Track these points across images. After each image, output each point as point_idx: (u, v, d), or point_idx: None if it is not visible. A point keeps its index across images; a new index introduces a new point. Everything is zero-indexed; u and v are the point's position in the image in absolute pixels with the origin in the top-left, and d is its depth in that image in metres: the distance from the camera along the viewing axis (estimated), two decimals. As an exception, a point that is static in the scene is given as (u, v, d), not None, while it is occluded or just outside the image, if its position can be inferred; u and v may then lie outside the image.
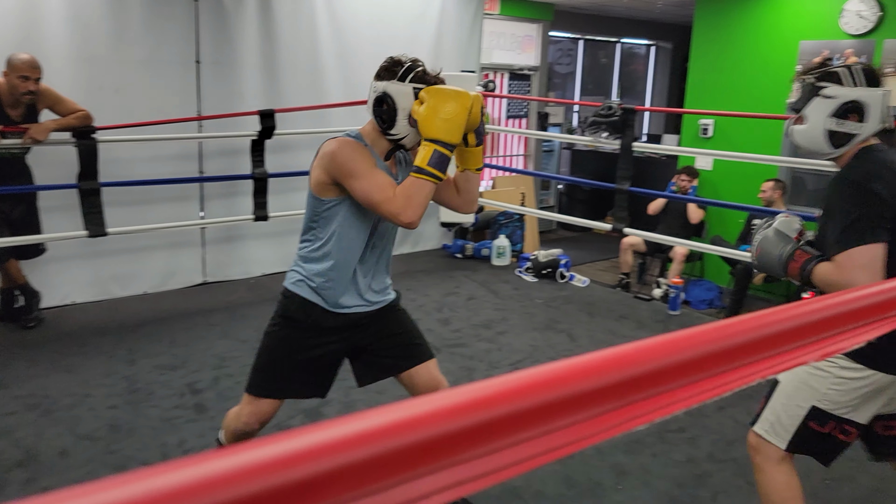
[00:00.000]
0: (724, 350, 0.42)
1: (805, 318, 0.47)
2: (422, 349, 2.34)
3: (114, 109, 4.30)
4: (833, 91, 1.88)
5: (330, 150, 2.06)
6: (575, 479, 2.70)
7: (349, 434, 0.36)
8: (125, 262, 4.63)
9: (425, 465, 0.36)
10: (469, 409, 0.37)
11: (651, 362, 0.38)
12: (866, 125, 1.88)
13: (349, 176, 2.03)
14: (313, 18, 5.15)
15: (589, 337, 4.23)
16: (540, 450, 0.39)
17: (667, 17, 9.30)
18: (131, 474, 0.35)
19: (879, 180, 1.83)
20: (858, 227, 1.77)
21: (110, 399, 3.22)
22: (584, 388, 0.39)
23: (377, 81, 2.10)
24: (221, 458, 0.35)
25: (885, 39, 5.48)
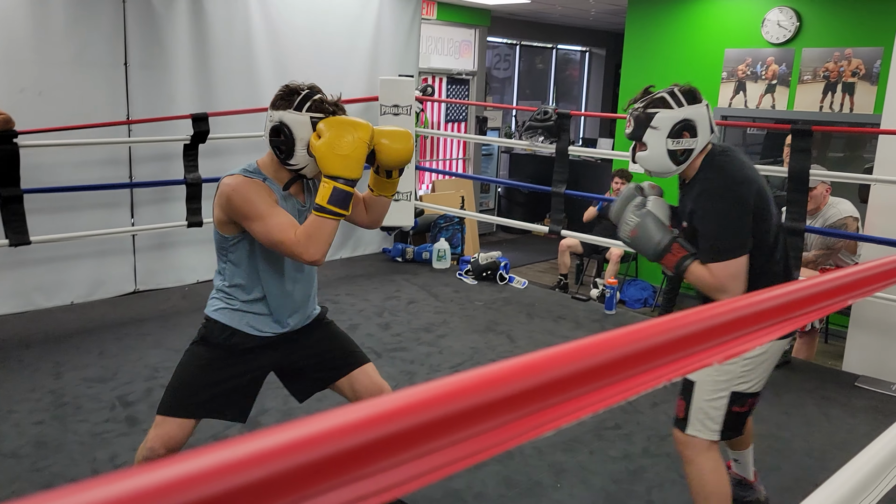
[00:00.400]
0: (635, 353, 0.44)
1: (711, 321, 0.50)
2: (357, 356, 2.33)
3: (37, 113, 4.14)
4: (663, 117, 2.07)
5: (225, 191, 1.99)
6: (515, 479, 2.74)
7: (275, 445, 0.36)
8: (50, 271, 4.46)
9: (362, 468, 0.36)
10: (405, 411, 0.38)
11: (563, 367, 0.40)
12: (699, 138, 2.08)
13: (246, 218, 1.98)
14: (248, 21, 5.07)
15: (528, 338, 4.29)
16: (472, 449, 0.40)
17: (600, 24, 9.52)
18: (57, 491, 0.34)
19: (743, 183, 2.03)
20: (729, 242, 1.98)
21: (35, 414, 3.09)
22: (502, 393, 0.41)
23: (273, 111, 2.03)
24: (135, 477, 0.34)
25: (804, 48, 5.74)
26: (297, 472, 0.34)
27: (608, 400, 0.44)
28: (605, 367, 0.42)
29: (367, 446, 0.36)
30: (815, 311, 0.61)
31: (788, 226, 3.85)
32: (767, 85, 5.95)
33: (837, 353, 4.94)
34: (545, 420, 0.40)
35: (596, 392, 0.42)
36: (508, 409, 0.39)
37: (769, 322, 0.55)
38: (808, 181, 3.77)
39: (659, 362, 0.45)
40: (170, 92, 4.75)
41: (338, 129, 1.94)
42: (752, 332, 0.54)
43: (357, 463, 0.35)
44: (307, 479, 0.34)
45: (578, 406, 0.41)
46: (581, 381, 0.41)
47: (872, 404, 3.57)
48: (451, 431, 0.38)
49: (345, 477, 0.35)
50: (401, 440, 0.37)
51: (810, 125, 3.77)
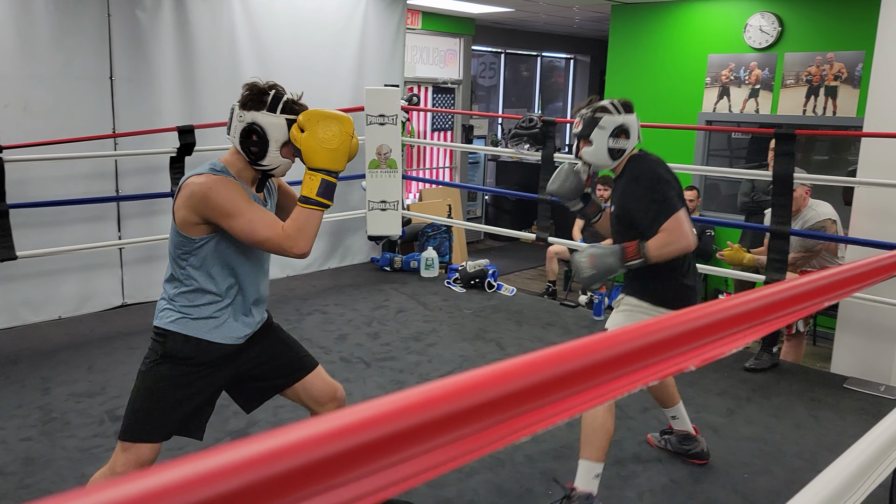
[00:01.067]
0: (610, 359, 0.44)
1: (686, 326, 0.51)
2: (307, 359, 2.29)
3: (22, 127, 4.12)
4: (608, 119, 2.52)
5: (200, 190, 1.94)
6: (506, 486, 2.74)
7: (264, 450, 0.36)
8: (37, 285, 4.43)
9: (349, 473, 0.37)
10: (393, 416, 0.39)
11: (538, 374, 0.41)
12: (631, 141, 2.55)
13: (226, 216, 1.94)
14: (233, 34, 5.07)
15: (518, 345, 4.30)
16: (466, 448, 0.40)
17: (584, 31, 9.59)
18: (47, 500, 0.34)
19: (663, 170, 2.51)
20: (669, 202, 2.39)
21: (23, 431, 3.07)
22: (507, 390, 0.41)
23: (244, 111, 2.02)
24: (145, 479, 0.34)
25: (786, 53, 5.81)
26: (282, 477, 0.34)
27: (589, 403, 0.44)
28: (586, 371, 0.43)
29: (355, 450, 0.36)
30: (793, 312, 0.62)
31: (773, 229, 3.88)
32: (751, 89, 6.01)
33: (825, 355, 4.97)
34: (530, 422, 0.41)
35: (577, 395, 0.43)
36: (494, 411, 0.40)
37: (746, 325, 0.56)
38: (792, 184, 3.81)
39: (637, 366, 0.46)
40: (155, 105, 4.74)
41: (325, 123, 1.95)
42: (729, 335, 0.54)
43: (344, 467, 0.36)
44: (294, 484, 0.35)
45: (560, 409, 0.42)
46: (562, 385, 0.42)
47: (861, 406, 3.60)
48: (438, 433, 0.39)
49: (333, 480, 0.35)
50: (388, 442, 0.37)
51: (794, 129, 3.81)
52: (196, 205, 1.95)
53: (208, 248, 2.03)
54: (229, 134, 2.07)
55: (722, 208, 6.52)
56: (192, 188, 1.96)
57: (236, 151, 2.06)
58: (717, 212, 6.48)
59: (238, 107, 2.04)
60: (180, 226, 2.01)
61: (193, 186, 1.96)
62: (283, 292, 5.19)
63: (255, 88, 2.05)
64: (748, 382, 3.83)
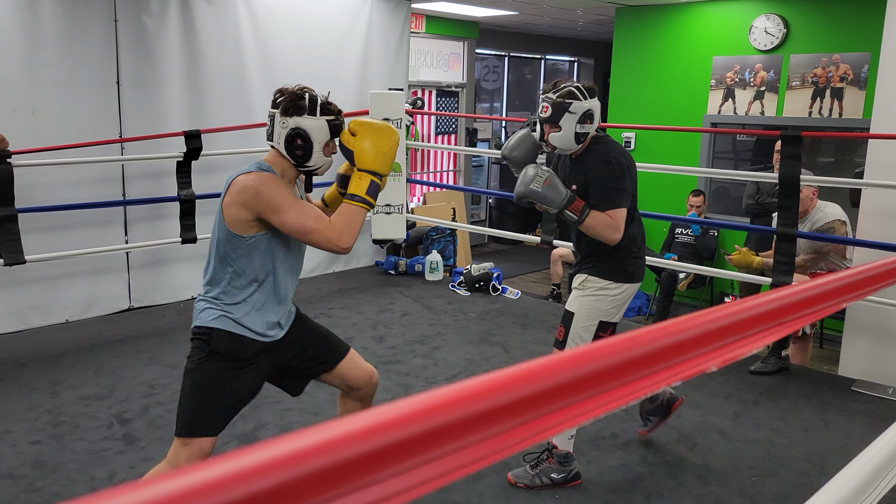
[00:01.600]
0: (632, 360, 0.45)
1: (707, 327, 0.51)
2: (339, 345, 2.40)
3: (30, 133, 4.14)
4: (577, 105, 2.57)
5: (252, 186, 2.04)
6: (513, 491, 2.74)
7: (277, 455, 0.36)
8: (45, 289, 4.44)
9: (365, 478, 0.37)
10: (404, 421, 0.39)
11: (562, 375, 0.41)
12: (594, 125, 2.62)
13: (277, 211, 2.04)
14: (238, 38, 5.09)
15: (523, 348, 4.30)
16: (477, 455, 0.41)
17: (588, 34, 9.59)
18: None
19: (626, 159, 2.65)
20: (620, 195, 2.58)
21: (32, 434, 3.08)
22: (498, 402, 0.42)
23: (286, 117, 2.12)
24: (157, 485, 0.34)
25: (792, 54, 5.80)
26: (319, 474, 0.35)
27: (614, 403, 0.45)
28: (610, 372, 0.43)
29: (373, 454, 0.37)
30: (811, 314, 0.62)
31: (780, 231, 3.87)
32: (756, 91, 6.01)
33: (833, 357, 4.96)
34: (555, 422, 0.41)
35: (596, 398, 0.43)
36: (521, 411, 0.40)
37: (768, 325, 0.57)
38: (798, 186, 3.80)
39: (660, 366, 0.47)
40: (162, 110, 4.77)
41: (378, 132, 2.13)
42: (751, 336, 0.55)
43: (363, 471, 0.36)
44: (331, 481, 0.35)
45: (584, 409, 0.42)
46: (581, 387, 0.42)
47: (870, 408, 3.59)
48: (470, 432, 0.39)
49: (368, 478, 0.36)
50: (422, 440, 0.38)
51: (800, 130, 3.80)
52: (248, 200, 2.05)
53: (255, 246, 2.11)
54: (271, 140, 2.17)
55: (728, 210, 6.51)
56: (244, 184, 2.06)
57: (278, 154, 2.16)
58: (723, 214, 6.48)
59: (279, 113, 2.14)
60: (231, 225, 2.09)
61: (245, 182, 2.06)
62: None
63: (292, 94, 2.15)
64: (755, 385, 3.83)
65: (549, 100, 2.61)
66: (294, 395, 2.40)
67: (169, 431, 3.09)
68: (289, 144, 2.12)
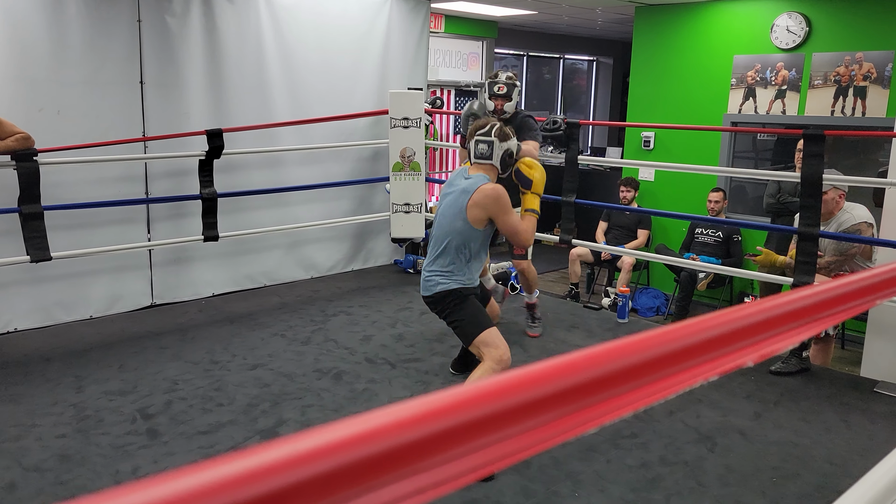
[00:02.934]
0: (669, 353, 0.45)
1: (743, 321, 0.52)
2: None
3: (56, 132, 4.20)
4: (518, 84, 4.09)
5: (497, 194, 3.04)
6: (532, 488, 2.74)
7: (310, 448, 0.37)
8: (70, 286, 4.51)
9: (386, 475, 0.38)
10: (426, 419, 0.40)
11: (600, 368, 0.42)
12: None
13: (504, 213, 3.05)
14: (259, 38, 5.13)
15: (541, 347, 4.30)
16: (496, 455, 0.41)
17: (607, 33, 9.56)
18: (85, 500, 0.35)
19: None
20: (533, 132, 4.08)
21: (58, 428, 3.13)
22: (538, 394, 0.42)
23: (502, 142, 3.16)
24: (182, 479, 0.35)
25: (814, 53, 5.75)
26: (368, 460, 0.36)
27: (651, 397, 0.45)
28: (647, 365, 0.44)
29: (423, 441, 0.38)
30: (844, 311, 0.63)
31: (801, 231, 3.84)
32: (777, 90, 5.96)
33: (855, 359, 4.92)
34: (594, 415, 0.42)
35: (634, 391, 0.44)
36: (552, 406, 0.41)
37: (802, 321, 0.57)
38: (821, 186, 3.77)
39: (698, 360, 0.47)
40: (184, 109, 4.82)
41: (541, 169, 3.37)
42: (786, 331, 0.55)
43: (427, 451, 0.37)
44: (381, 468, 0.36)
45: (623, 403, 0.43)
46: (620, 381, 0.43)
47: (893, 410, 3.55)
48: (514, 422, 0.40)
49: (417, 464, 0.37)
50: (468, 428, 0.38)
51: (822, 129, 3.77)
52: (490, 204, 3.03)
53: (479, 237, 3.09)
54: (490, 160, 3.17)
55: (748, 210, 6.46)
56: (492, 193, 3.05)
57: (490, 169, 3.18)
58: (743, 214, 6.43)
59: (497, 139, 3.15)
60: (473, 222, 3.05)
61: (493, 191, 3.05)
62: (308, 293, 5.24)
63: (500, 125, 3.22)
64: (776, 386, 3.80)
65: (505, 82, 4.01)
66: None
67: (191, 427, 3.14)
68: (506, 162, 3.19)
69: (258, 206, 5.23)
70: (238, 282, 5.30)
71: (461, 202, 3.05)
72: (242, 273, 5.32)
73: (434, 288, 3.13)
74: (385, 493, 0.38)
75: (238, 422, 3.23)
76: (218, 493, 0.35)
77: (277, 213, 5.30)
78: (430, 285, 3.15)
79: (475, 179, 3.08)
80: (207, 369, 3.82)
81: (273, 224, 5.23)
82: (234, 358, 3.98)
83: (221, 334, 4.33)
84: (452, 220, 3.07)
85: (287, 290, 5.35)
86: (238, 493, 0.35)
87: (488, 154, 3.13)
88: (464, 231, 3.05)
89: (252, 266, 5.36)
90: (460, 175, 3.24)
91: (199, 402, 3.40)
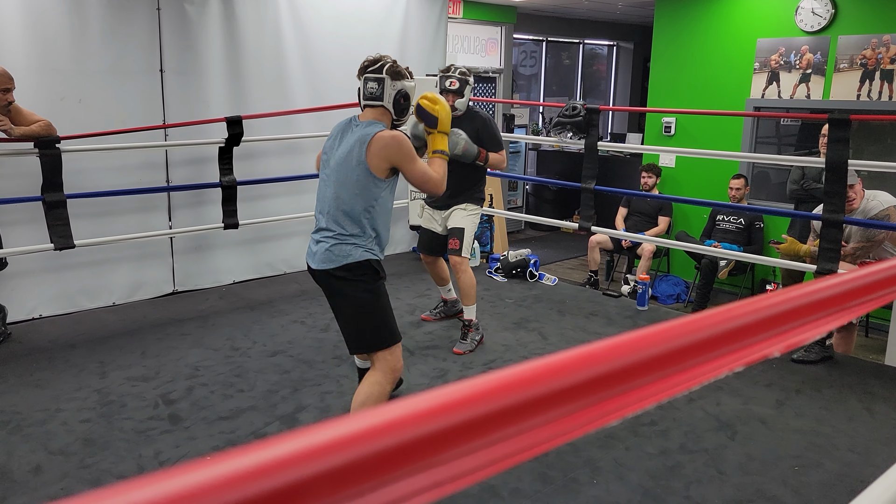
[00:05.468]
0: (695, 343, 0.45)
1: (770, 311, 0.51)
2: None
3: (77, 120, 4.24)
4: (470, 81, 3.99)
5: (397, 140, 2.57)
6: (551, 475, 2.74)
7: (330, 439, 0.37)
8: (92, 273, 4.57)
9: (405, 467, 0.37)
10: (446, 409, 0.39)
11: (623, 358, 0.41)
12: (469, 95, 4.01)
13: (410, 160, 2.60)
14: (278, 25, 5.13)
15: (560, 335, 4.29)
16: (518, 447, 0.41)
17: (627, 18, 9.44)
18: (110, 488, 0.35)
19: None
20: (500, 140, 4.05)
21: (82, 413, 3.18)
22: (559, 385, 0.42)
23: (394, 81, 2.65)
24: (203, 469, 0.35)
25: (840, 35, 5.64)
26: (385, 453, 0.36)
27: (675, 388, 0.45)
28: (671, 355, 0.43)
29: (443, 432, 0.37)
30: (874, 299, 0.61)
31: (826, 218, 3.78)
32: (802, 74, 5.86)
33: (879, 347, 4.85)
34: (618, 406, 0.41)
35: (658, 381, 0.43)
36: (583, 394, 0.40)
37: (829, 310, 0.56)
38: (846, 172, 3.71)
39: (722, 351, 0.46)
40: (204, 97, 4.84)
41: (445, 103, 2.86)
42: (813, 321, 0.54)
43: (434, 449, 0.37)
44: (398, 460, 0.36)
45: (646, 394, 0.43)
46: (644, 371, 0.42)
47: (916, 398, 3.50)
48: (534, 413, 0.39)
49: (435, 457, 0.37)
50: (487, 421, 0.38)
51: (848, 114, 3.70)
52: (390, 152, 2.57)
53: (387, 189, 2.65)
54: (382, 100, 2.66)
55: (771, 197, 6.38)
56: (388, 139, 2.57)
57: (382, 114, 2.68)
58: (765, 200, 6.35)
59: (390, 78, 2.65)
60: (376, 171, 2.58)
61: (388, 138, 2.57)
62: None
63: (393, 62, 2.70)
64: (797, 374, 3.76)
65: (457, 77, 3.90)
66: None
67: (212, 412, 3.18)
68: (398, 104, 2.66)
69: (277, 193, 5.25)
70: (258, 269, 5.34)
71: (359, 155, 2.57)
72: (262, 260, 5.35)
73: (337, 259, 2.61)
74: (403, 485, 0.38)
75: (258, 407, 3.26)
76: (235, 486, 0.35)
77: (296, 201, 5.32)
78: (330, 256, 2.63)
79: (369, 128, 2.59)
80: (228, 356, 3.85)
81: (292, 212, 5.24)
82: (254, 344, 4.01)
83: (242, 321, 4.37)
84: (349, 174, 2.58)
85: (306, 277, 5.36)
86: (256, 486, 0.35)
87: (378, 94, 2.63)
88: (366, 187, 2.58)
89: (272, 253, 5.39)
90: (349, 124, 2.73)
91: (219, 388, 3.44)
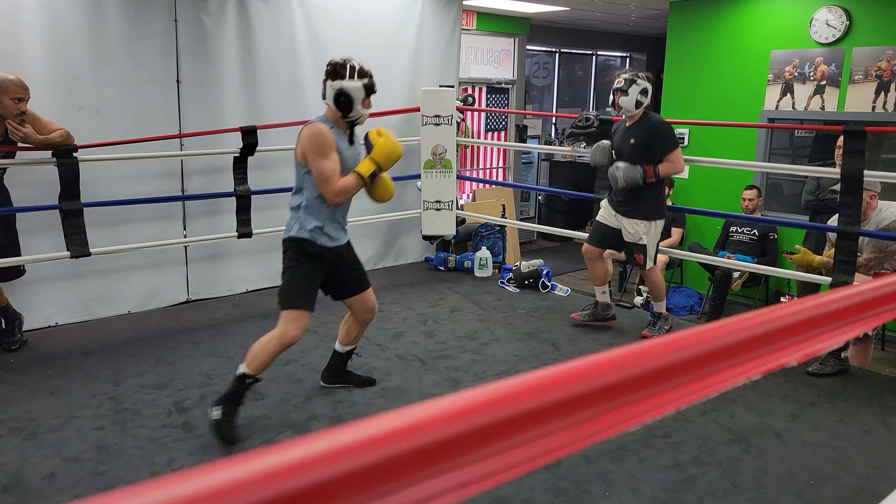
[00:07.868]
0: (713, 351, 0.45)
1: (786, 320, 0.51)
2: (367, 280, 3.32)
3: (95, 130, 4.29)
4: (642, 81, 3.95)
5: (311, 131, 2.87)
6: (563, 486, 2.73)
7: (351, 441, 0.37)
8: (108, 282, 4.61)
9: (431, 468, 0.38)
10: (471, 412, 0.40)
11: (643, 364, 0.42)
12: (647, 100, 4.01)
13: (317, 154, 2.85)
14: (293, 36, 5.18)
15: (572, 345, 4.27)
16: (538, 451, 0.41)
17: (641, 29, 9.45)
18: (123, 491, 0.36)
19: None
20: (676, 142, 3.99)
21: (97, 420, 3.20)
22: (580, 390, 0.42)
23: (332, 81, 2.93)
24: (222, 471, 0.36)
25: (855, 47, 5.62)
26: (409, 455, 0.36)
27: (693, 395, 0.45)
28: (689, 363, 0.44)
29: (461, 436, 0.38)
30: (891, 310, 0.61)
31: (841, 229, 3.76)
32: (816, 86, 5.84)
33: (895, 360, 4.80)
34: (636, 412, 0.42)
35: (677, 388, 0.43)
36: (590, 404, 0.41)
37: (847, 320, 0.56)
38: (861, 183, 3.69)
39: (740, 359, 0.46)
40: (220, 107, 4.88)
41: (394, 143, 3.00)
42: (831, 331, 0.54)
43: (450, 453, 0.37)
44: (421, 462, 0.36)
45: (664, 401, 0.43)
46: (663, 378, 0.42)
47: (933, 412, 3.46)
48: (555, 418, 0.40)
49: (457, 459, 0.37)
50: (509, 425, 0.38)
51: (863, 125, 3.69)
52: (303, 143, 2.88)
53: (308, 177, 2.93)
54: (324, 99, 2.96)
55: (784, 208, 6.35)
56: (307, 130, 2.89)
57: (330, 111, 2.95)
58: (779, 212, 6.31)
59: (329, 79, 2.94)
60: (298, 156, 2.93)
61: (309, 128, 2.89)
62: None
63: (337, 63, 2.95)
64: (812, 387, 3.73)
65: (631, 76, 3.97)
66: (335, 299, 3.29)
67: (225, 420, 3.18)
68: (337, 101, 2.90)
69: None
70: (271, 278, 5.35)
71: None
72: (275, 269, 5.32)
73: (286, 232, 3.08)
74: (429, 485, 0.38)
75: (270, 416, 3.26)
76: (261, 485, 0.35)
77: (310, 211, 5.34)
78: (286, 228, 3.10)
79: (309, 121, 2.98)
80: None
81: (305, 221, 5.27)
82: (267, 353, 4.02)
83: (255, 330, 4.38)
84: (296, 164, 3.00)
85: (319, 286, 5.39)
86: (287, 483, 0.35)
87: (323, 93, 2.98)
88: (298, 171, 2.98)
89: (285, 262, 5.41)
90: None
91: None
